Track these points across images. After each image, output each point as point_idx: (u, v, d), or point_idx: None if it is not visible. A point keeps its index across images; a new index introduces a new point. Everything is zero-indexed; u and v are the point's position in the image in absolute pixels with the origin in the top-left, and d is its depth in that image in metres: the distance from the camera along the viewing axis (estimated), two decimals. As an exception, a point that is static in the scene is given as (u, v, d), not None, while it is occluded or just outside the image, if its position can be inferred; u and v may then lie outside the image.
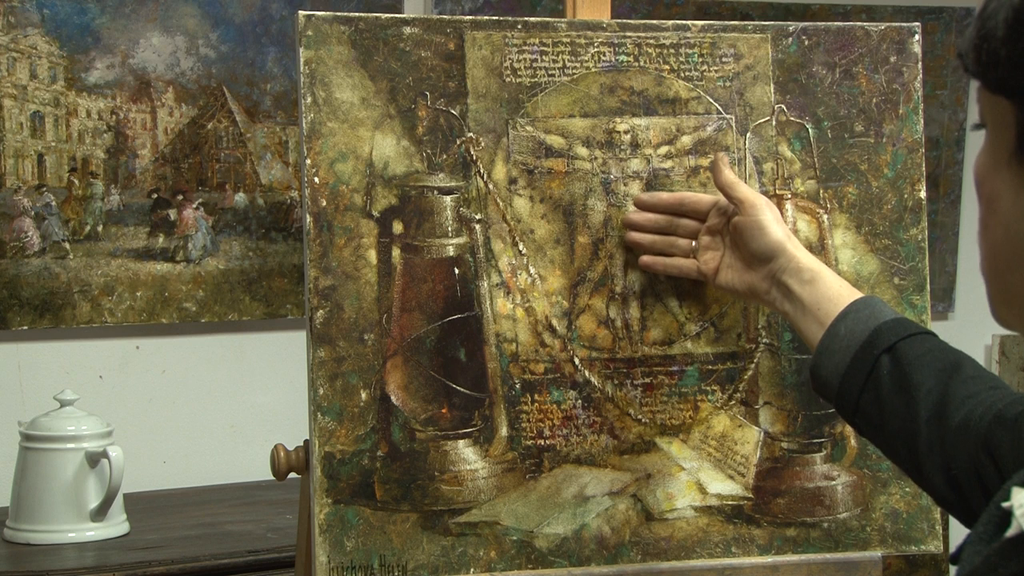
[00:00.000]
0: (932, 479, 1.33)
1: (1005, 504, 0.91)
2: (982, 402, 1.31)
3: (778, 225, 1.48)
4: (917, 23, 1.67)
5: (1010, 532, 0.90)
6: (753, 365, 1.60)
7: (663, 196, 1.56)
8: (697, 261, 1.54)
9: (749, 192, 1.50)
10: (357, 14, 1.54)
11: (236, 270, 2.69)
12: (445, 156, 1.54)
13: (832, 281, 1.45)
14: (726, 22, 1.64)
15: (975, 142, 3.33)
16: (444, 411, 1.52)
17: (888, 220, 1.64)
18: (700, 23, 1.62)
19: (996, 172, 0.93)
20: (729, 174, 1.51)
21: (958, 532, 1.16)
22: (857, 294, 1.44)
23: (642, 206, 1.56)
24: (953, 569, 0.97)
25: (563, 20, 1.60)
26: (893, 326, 1.38)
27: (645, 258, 1.56)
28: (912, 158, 1.65)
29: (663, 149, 1.60)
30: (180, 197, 2.64)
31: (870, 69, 1.64)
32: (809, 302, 1.44)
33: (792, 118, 1.63)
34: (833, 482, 1.61)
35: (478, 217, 1.55)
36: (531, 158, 1.56)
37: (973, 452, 1.29)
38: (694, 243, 1.55)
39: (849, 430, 1.62)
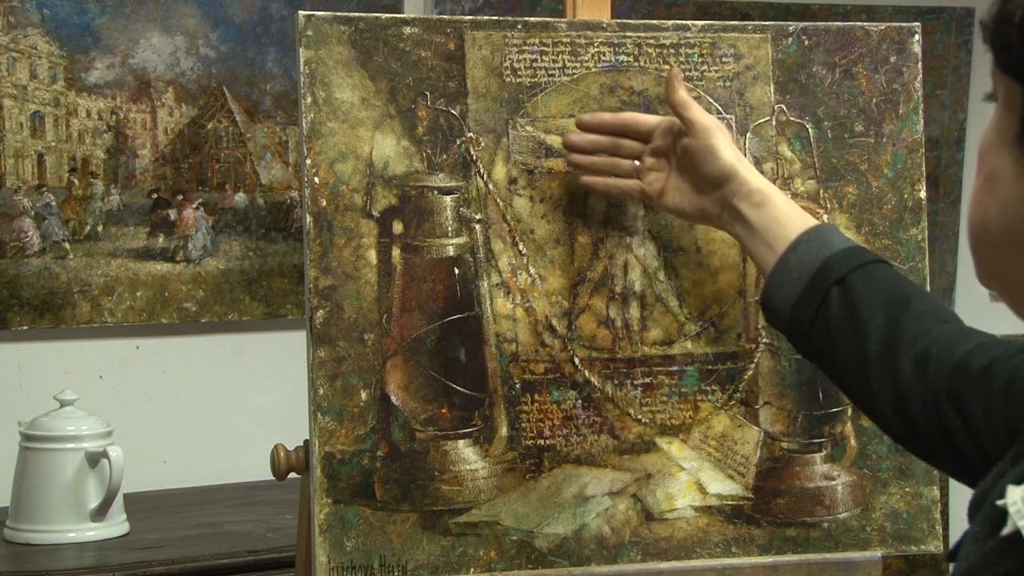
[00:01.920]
0: (885, 415, 1.33)
1: (1000, 502, 0.91)
2: (936, 341, 1.30)
3: (730, 148, 1.47)
4: (917, 23, 1.67)
5: (1006, 531, 0.90)
6: (753, 365, 1.60)
7: (604, 116, 1.54)
8: (641, 183, 1.53)
9: (701, 114, 1.48)
10: (357, 14, 1.54)
11: (236, 270, 2.69)
12: (445, 156, 1.54)
13: (782, 204, 1.44)
14: (726, 22, 1.64)
15: (975, 142, 3.33)
16: (444, 411, 1.52)
17: (888, 220, 1.64)
18: (700, 23, 1.62)
19: (999, 150, 0.93)
20: (683, 92, 1.49)
21: (957, 531, 1.17)
22: (809, 219, 1.43)
23: (583, 127, 1.54)
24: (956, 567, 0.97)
25: (563, 20, 1.60)
26: (844, 256, 1.37)
27: (586, 178, 1.54)
28: (912, 158, 1.65)
29: (663, 149, 1.59)
30: (180, 197, 2.64)
31: (870, 69, 1.64)
32: (758, 225, 1.43)
33: (792, 118, 1.63)
34: (833, 482, 1.61)
35: (478, 217, 1.55)
36: (531, 158, 1.56)
37: (933, 398, 1.28)
38: (638, 163, 1.54)
39: (849, 430, 1.62)
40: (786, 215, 1.43)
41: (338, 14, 1.52)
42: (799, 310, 1.37)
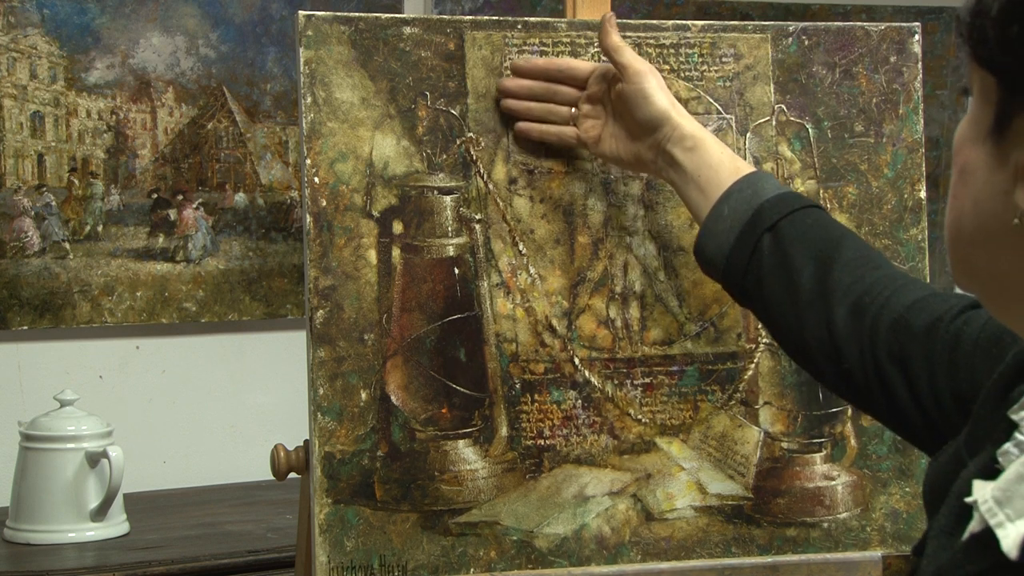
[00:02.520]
0: (819, 365, 1.32)
1: (968, 499, 0.91)
2: (870, 290, 1.29)
3: (663, 93, 1.46)
4: (917, 23, 1.67)
5: (973, 527, 0.89)
6: (753, 365, 1.60)
7: (538, 61, 1.53)
8: (577, 129, 1.52)
9: (634, 58, 1.47)
10: (357, 14, 1.54)
11: (236, 270, 2.69)
12: (445, 156, 1.54)
13: (714, 148, 1.43)
14: (726, 22, 1.64)
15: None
16: (444, 411, 1.52)
17: (888, 220, 1.64)
18: (700, 23, 1.62)
19: (974, 144, 0.93)
20: (616, 37, 1.48)
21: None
22: (741, 164, 1.43)
23: (517, 72, 1.53)
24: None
25: (563, 20, 1.60)
26: (776, 203, 1.37)
27: (521, 124, 1.53)
28: (912, 158, 1.65)
29: (663, 149, 1.59)
30: (180, 197, 2.64)
31: (870, 69, 1.64)
32: (691, 169, 1.43)
33: (792, 118, 1.63)
34: (833, 482, 1.61)
35: (478, 217, 1.55)
36: (531, 158, 1.56)
37: (871, 352, 1.27)
38: (574, 110, 1.53)
39: (849, 430, 1.62)
40: (719, 160, 1.42)
41: (338, 14, 1.52)
42: (732, 259, 1.37)
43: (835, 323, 1.30)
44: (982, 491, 0.89)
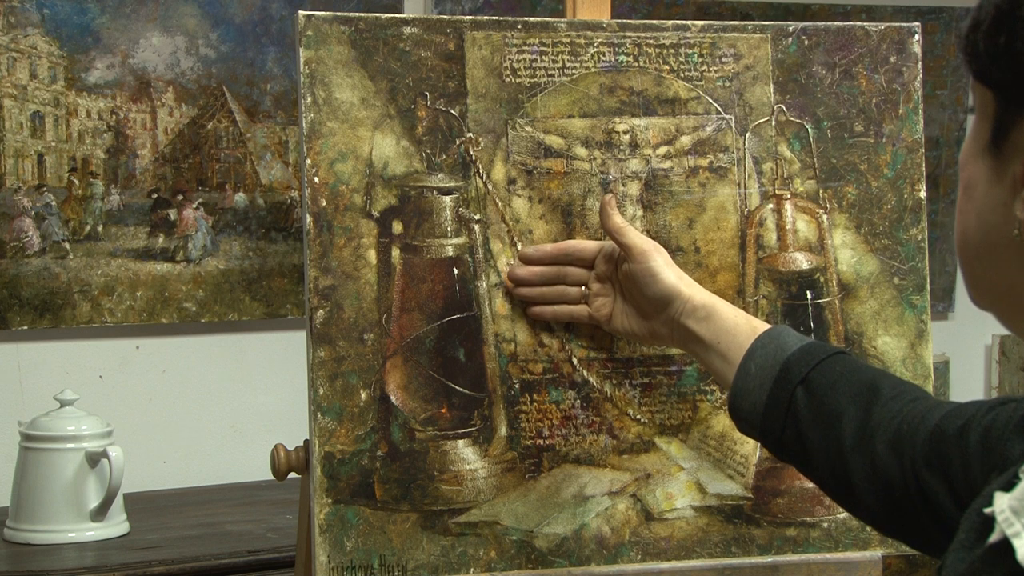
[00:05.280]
0: (867, 503, 1.31)
1: (987, 510, 0.91)
2: (907, 418, 1.29)
3: (670, 269, 1.46)
4: (917, 23, 1.67)
5: (993, 538, 0.89)
6: (753, 365, 1.60)
7: (547, 248, 1.54)
8: (589, 308, 1.53)
9: (638, 238, 1.48)
10: (357, 14, 1.54)
11: (236, 270, 2.69)
12: (445, 156, 1.54)
13: (727, 313, 1.43)
14: (726, 22, 1.64)
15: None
16: (443, 411, 1.52)
17: (888, 220, 1.64)
18: (700, 23, 1.62)
19: (975, 159, 0.93)
20: (617, 218, 1.49)
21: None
22: (758, 324, 1.42)
23: (526, 260, 1.54)
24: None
25: (563, 20, 1.60)
26: (801, 356, 1.36)
27: (534, 308, 1.54)
28: (912, 158, 1.65)
29: (662, 149, 1.60)
30: (180, 197, 2.64)
31: (870, 69, 1.64)
32: (709, 338, 1.43)
33: (792, 118, 1.63)
34: (833, 482, 1.61)
35: (477, 217, 1.55)
36: (530, 158, 1.56)
37: (912, 470, 1.26)
38: (584, 289, 1.53)
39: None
40: (734, 323, 1.42)
41: (338, 14, 1.52)
42: (768, 416, 1.36)
43: (878, 457, 1.29)
44: (1001, 502, 0.89)
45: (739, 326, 1.42)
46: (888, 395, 1.32)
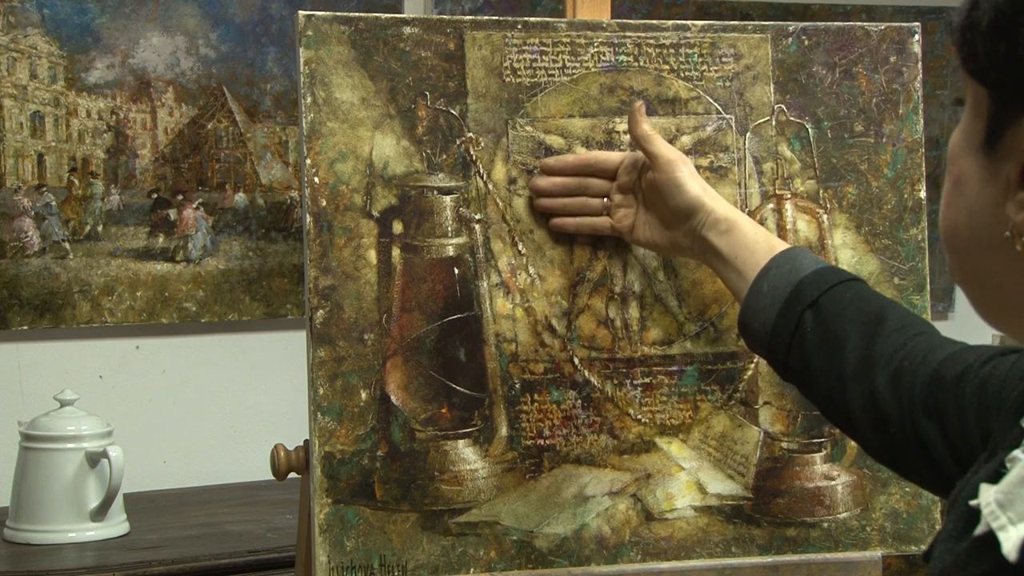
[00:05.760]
0: (864, 433, 1.33)
1: (973, 502, 0.91)
2: (908, 355, 1.30)
3: (694, 180, 1.47)
4: (917, 23, 1.67)
5: (979, 531, 0.89)
6: (753, 365, 1.60)
7: (568, 158, 1.54)
8: (611, 219, 1.53)
9: (664, 147, 1.48)
10: (357, 14, 1.54)
11: (236, 270, 2.69)
12: (445, 156, 1.54)
13: (749, 229, 1.44)
14: (726, 22, 1.64)
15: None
16: (444, 411, 1.52)
17: (888, 220, 1.64)
18: (700, 23, 1.62)
19: (966, 155, 0.93)
20: (646, 126, 1.49)
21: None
22: (778, 243, 1.43)
23: (548, 171, 1.54)
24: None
25: (563, 20, 1.60)
26: (815, 279, 1.37)
27: (556, 220, 1.55)
28: (912, 158, 1.65)
29: (663, 149, 1.59)
30: (180, 197, 2.64)
31: (870, 69, 1.64)
32: (727, 252, 1.44)
33: (792, 118, 1.63)
34: (833, 482, 1.61)
35: (478, 217, 1.55)
36: (531, 158, 1.56)
37: (909, 410, 1.27)
38: (606, 200, 1.54)
39: (849, 430, 1.62)
40: (754, 240, 1.43)
41: (338, 14, 1.52)
42: (775, 336, 1.37)
43: (878, 390, 1.30)
44: (987, 494, 0.89)
45: (758, 243, 1.43)
46: (893, 326, 1.33)
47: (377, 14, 1.55)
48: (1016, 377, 1.17)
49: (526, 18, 1.58)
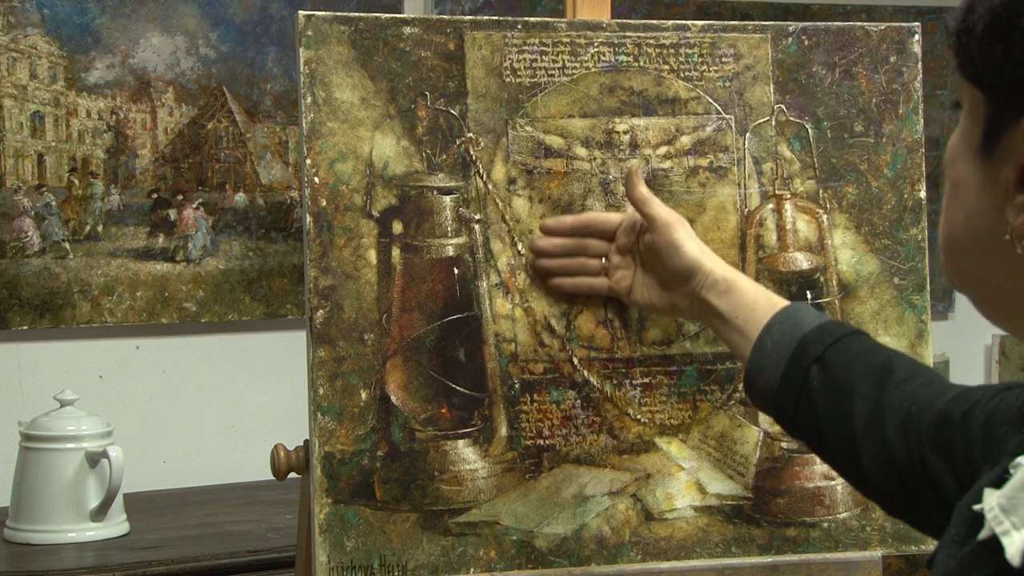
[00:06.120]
0: (877, 485, 1.32)
1: (976, 507, 0.91)
2: (918, 400, 1.29)
3: (692, 242, 1.47)
4: (917, 23, 1.67)
5: (982, 535, 0.89)
6: (753, 365, 1.60)
7: (567, 219, 1.55)
8: (609, 280, 1.53)
9: (662, 209, 1.48)
10: (357, 14, 1.54)
11: (236, 270, 2.69)
12: (445, 156, 1.54)
13: (748, 287, 1.44)
14: (726, 22, 1.64)
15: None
16: (444, 411, 1.52)
17: (888, 220, 1.64)
18: (700, 23, 1.62)
19: (964, 159, 0.93)
20: (643, 189, 1.49)
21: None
22: (777, 300, 1.43)
23: (547, 231, 1.54)
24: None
25: (563, 20, 1.60)
26: (819, 334, 1.36)
27: (554, 280, 1.55)
28: (912, 158, 1.65)
29: (662, 149, 1.60)
30: (180, 197, 2.64)
31: (870, 69, 1.64)
32: (727, 312, 1.43)
33: (792, 118, 1.63)
34: (833, 482, 1.61)
35: (477, 217, 1.55)
36: (530, 158, 1.56)
37: (918, 453, 1.27)
38: (604, 261, 1.54)
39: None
40: (754, 298, 1.43)
41: (338, 14, 1.52)
42: (783, 392, 1.37)
43: (888, 439, 1.29)
44: (990, 499, 0.89)
45: (758, 301, 1.42)
46: (901, 376, 1.33)
47: (377, 14, 1.55)
48: (1015, 409, 1.16)
49: (526, 18, 1.58)
